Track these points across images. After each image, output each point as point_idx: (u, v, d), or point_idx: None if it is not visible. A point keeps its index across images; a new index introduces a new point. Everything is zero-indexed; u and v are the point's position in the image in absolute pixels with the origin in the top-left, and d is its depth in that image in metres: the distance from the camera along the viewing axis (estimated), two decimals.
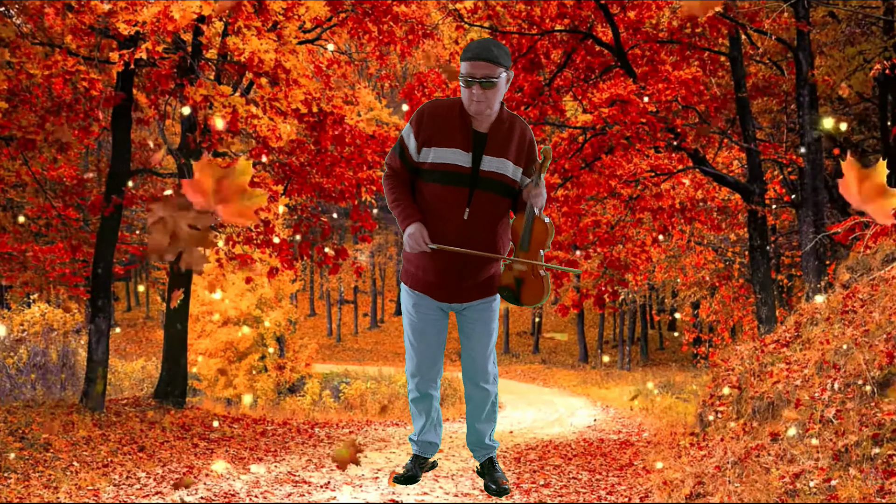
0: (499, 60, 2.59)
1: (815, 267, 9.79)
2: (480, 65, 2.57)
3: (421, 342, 2.92)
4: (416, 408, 3.09)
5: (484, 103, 2.61)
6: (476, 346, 2.93)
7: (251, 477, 7.43)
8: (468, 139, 2.67)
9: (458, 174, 2.66)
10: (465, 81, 2.59)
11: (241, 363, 19.72)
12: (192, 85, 8.54)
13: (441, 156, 2.67)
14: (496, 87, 2.60)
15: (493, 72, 2.58)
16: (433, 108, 2.71)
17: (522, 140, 2.73)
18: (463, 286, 2.80)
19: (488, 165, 2.67)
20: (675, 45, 10.60)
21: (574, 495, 6.94)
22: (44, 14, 8.40)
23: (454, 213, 2.67)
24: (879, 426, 4.34)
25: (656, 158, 11.14)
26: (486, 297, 2.87)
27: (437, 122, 2.69)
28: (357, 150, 10.35)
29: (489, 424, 3.10)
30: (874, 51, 11.52)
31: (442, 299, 2.84)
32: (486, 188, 2.67)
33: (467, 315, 2.90)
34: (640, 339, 33.69)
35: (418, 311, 2.88)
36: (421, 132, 2.70)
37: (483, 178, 2.67)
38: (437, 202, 2.69)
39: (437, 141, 2.67)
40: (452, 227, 2.68)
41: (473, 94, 2.59)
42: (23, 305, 13.06)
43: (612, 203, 11.86)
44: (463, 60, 2.61)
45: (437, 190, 2.68)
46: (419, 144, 2.71)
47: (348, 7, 10.40)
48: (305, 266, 35.80)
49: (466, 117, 2.68)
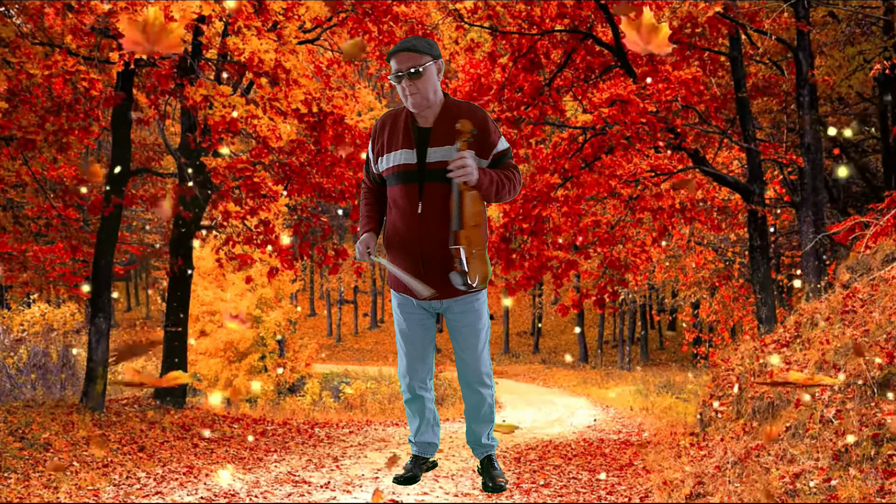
0: (420, 49, 2.65)
1: (815, 267, 9.79)
2: (403, 57, 2.65)
3: (407, 342, 2.95)
4: (409, 409, 3.12)
5: (418, 95, 2.67)
6: (465, 348, 2.93)
7: (251, 477, 7.44)
8: (410, 137, 2.75)
9: (407, 172, 2.74)
10: (395, 78, 2.67)
11: (241, 363, 19.72)
12: (192, 85, 8.54)
13: (392, 159, 2.77)
14: (424, 76, 2.65)
15: (417, 62, 2.64)
16: (382, 120, 2.85)
17: (472, 121, 2.73)
18: (435, 284, 2.78)
19: (433, 157, 2.70)
20: (675, 45, 10.60)
21: (574, 495, 6.94)
22: (44, 14, 8.40)
23: (409, 210, 2.74)
24: (879, 426, 4.34)
25: (656, 158, 11.14)
26: (466, 295, 2.87)
27: (386, 131, 2.81)
28: (357, 149, 10.35)
29: (486, 424, 3.11)
30: (874, 51, 11.52)
31: (419, 298, 2.86)
32: (436, 179, 2.70)
33: (451, 317, 2.91)
34: (640, 339, 33.69)
35: (402, 311, 2.94)
36: (375, 144, 2.85)
37: (430, 170, 2.71)
38: (396, 203, 2.78)
39: (388, 147, 2.79)
40: (411, 224, 2.74)
41: (405, 87, 2.66)
42: (23, 305, 13.06)
43: (612, 203, 11.86)
44: (388, 60, 2.69)
45: (396, 191, 2.77)
46: (375, 156, 2.86)
47: (348, 7, 10.40)
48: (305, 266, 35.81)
49: (410, 118, 2.77)
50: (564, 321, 38.26)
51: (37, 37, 8.64)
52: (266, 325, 19.81)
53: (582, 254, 11.20)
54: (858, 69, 11.83)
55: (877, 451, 4.21)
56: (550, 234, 10.73)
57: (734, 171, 14.11)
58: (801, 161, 10.46)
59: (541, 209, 10.28)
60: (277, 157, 10.26)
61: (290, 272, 12.13)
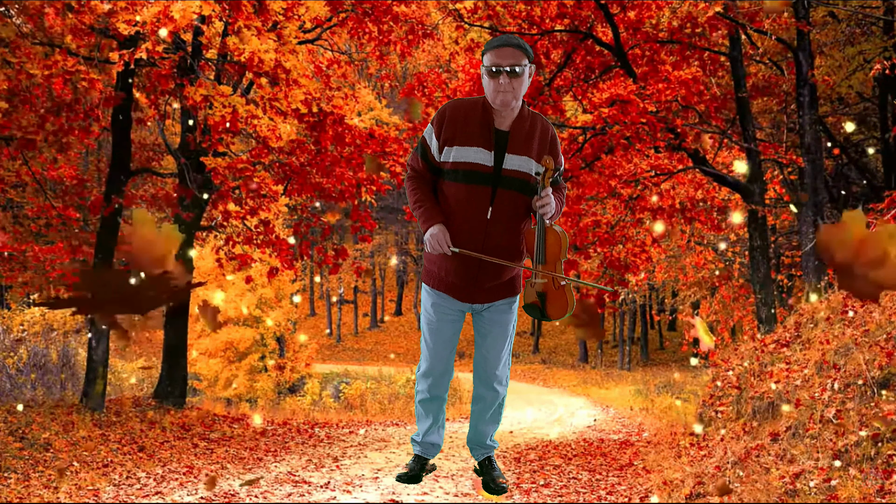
0: (525, 49, 2.58)
1: (815, 267, 9.78)
2: (507, 52, 2.54)
3: (437, 342, 2.90)
4: (423, 409, 3.07)
5: (510, 94, 2.58)
6: (491, 348, 2.90)
7: (251, 477, 7.43)
8: (490, 137, 2.63)
9: (480, 173, 2.62)
10: (492, 71, 2.56)
11: (241, 363, 19.73)
12: (192, 85, 8.54)
13: (463, 155, 2.63)
14: (522, 77, 2.57)
15: (520, 60, 2.55)
16: (454, 108, 2.68)
17: (545, 137, 2.70)
18: (484, 287, 2.78)
19: (511, 164, 2.63)
20: (675, 45, 10.60)
21: (574, 495, 6.93)
22: (44, 14, 8.40)
23: (477, 213, 2.64)
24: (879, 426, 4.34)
25: (656, 158, 11.14)
26: (508, 298, 2.85)
27: (459, 121, 2.65)
28: (357, 150, 10.35)
29: (493, 426, 3.11)
30: (874, 51, 11.52)
31: (463, 300, 2.82)
32: (509, 187, 2.63)
33: (486, 316, 2.87)
34: (640, 339, 33.68)
35: (437, 311, 2.86)
36: (443, 132, 2.67)
37: (506, 176, 2.63)
38: (460, 202, 2.66)
39: (459, 140, 2.64)
40: (476, 227, 2.66)
41: (501, 83, 2.56)
42: (23, 305, 13.06)
43: (612, 203, 11.85)
44: (488, 50, 2.57)
45: (460, 189, 2.65)
46: (441, 144, 2.68)
47: (348, 7, 10.40)
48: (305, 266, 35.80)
49: (488, 116, 2.64)
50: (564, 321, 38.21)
51: (37, 37, 8.64)
52: (266, 324, 19.81)
53: (582, 254, 11.20)
54: (858, 69, 11.84)
55: (877, 451, 4.21)
56: None
57: (734, 171, 14.10)
58: (801, 161, 10.46)
59: None
60: (277, 157, 10.26)
61: (290, 272, 12.11)
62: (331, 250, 10.78)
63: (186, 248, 11.30)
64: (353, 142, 10.13)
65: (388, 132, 11.03)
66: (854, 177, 15.58)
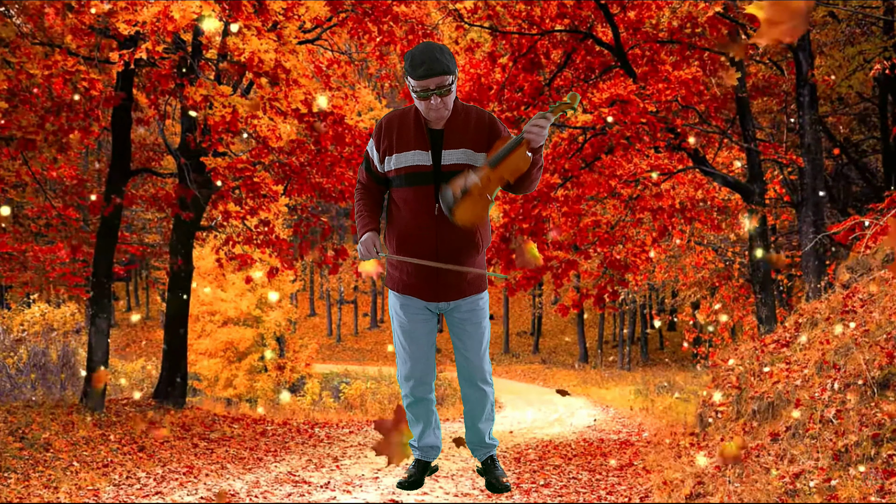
0: (449, 68, 2.61)
1: (815, 267, 9.78)
2: (434, 80, 2.60)
3: (412, 345, 2.92)
4: (412, 413, 3.08)
5: (443, 108, 2.66)
6: (470, 347, 2.93)
7: (251, 477, 7.43)
8: (425, 138, 2.72)
9: (421, 174, 2.71)
10: (421, 95, 2.62)
11: (241, 363, 19.73)
12: (192, 85, 8.54)
13: (402, 160, 2.73)
14: (451, 90, 2.65)
15: (446, 81, 2.61)
16: (389, 119, 2.80)
17: (480, 124, 2.74)
18: (448, 285, 2.81)
19: (449, 159, 2.70)
20: (675, 45, 10.60)
21: (574, 495, 6.94)
22: (44, 14, 8.40)
23: (424, 212, 2.72)
24: (879, 426, 4.34)
25: (656, 158, 11.14)
26: (474, 295, 2.88)
27: (394, 130, 2.76)
28: (357, 150, 10.35)
29: (488, 423, 3.12)
30: (874, 51, 11.53)
31: (427, 299, 2.85)
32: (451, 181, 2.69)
33: (456, 315, 2.90)
34: (640, 339, 33.68)
35: (406, 313, 2.90)
36: (381, 143, 2.78)
37: (446, 172, 2.69)
38: (407, 204, 2.74)
39: (397, 147, 2.74)
40: (426, 227, 2.72)
41: (432, 104, 2.64)
42: (23, 305, 13.06)
43: (612, 203, 11.85)
44: (413, 77, 2.61)
45: (406, 193, 2.73)
46: (381, 155, 2.79)
47: (348, 7, 10.40)
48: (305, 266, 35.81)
49: (421, 119, 2.74)
50: (564, 321, 38.26)
51: (37, 37, 8.64)
52: (266, 325, 19.82)
53: (582, 254, 11.20)
54: (858, 69, 11.84)
55: (877, 451, 4.21)
56: (550, 234, 10.73)
57: (734, 171, 14.11)
58: (801, 161, 10.46)
59: (541, 209, 10.28)
60: (277, 157, 10.26)
61: (290, 272, 12.12)
62: (331, 250, 10.78)
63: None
64: (353, 142, 10.13)
65: None
66: (854, 177, 15.58)
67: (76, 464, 7.10)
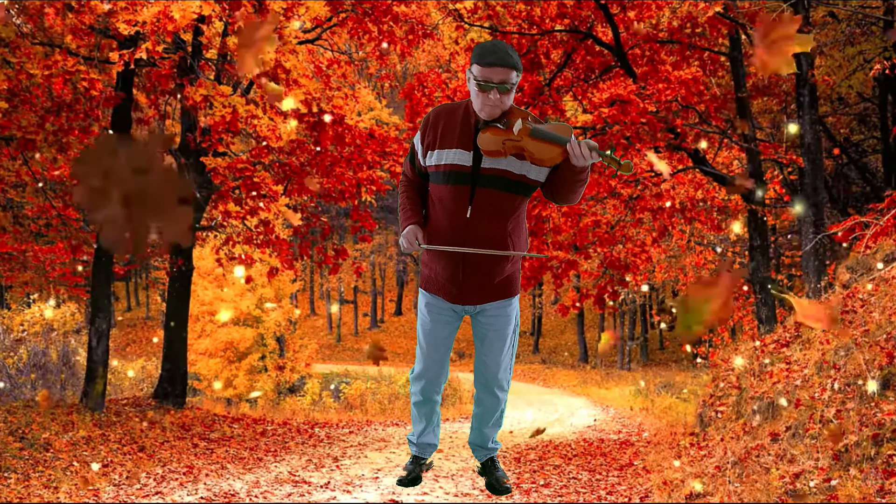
0: (517, 66, 2.59)
1: (815, 267, 9.78)
2: (501, 70, 2.56)
3: (430, 345, 2.91)
4: (417, 411, 3.08)
5: (499, 107, 2.62)
6: (489, 352, 2.90)
7: (251, 477, 7.43)
8: (471, 138, 2.67)
9: (460, 173, 2.67)
10: (482, 86, 2.58)
11: (241, 363, 19.73)
12: (192, 85, 8.54)
13: (444, 157, 2.69)
14: (512, 91, 2.61)
15: (510, 77, 2.58)
16: (437, 113, 2.75)
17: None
18: (473, 287, 2.78)
19: (489, 163, 2.65)
20: (675, 45, 10.59)
21: (574, 495, 6.93)
22: (44, 14, 8.39)
23: (457, 212, 2.68)
24: (879, 426, 4.34)
25: None
26: (501, 300, 2.84)
27: (441, 125, 2.71)
28: (357, 150, 10.35)
29: (495, 429, 3.11)
30: (874, 51, 11.53)
31: (453, 301, 2.82)
32: (489, 185, 2.65)
33: (481, 319, 2.87)
34: (640, 339, 33.67)
35: (430, 312, 2.88)
36: (426, 137, 2.74)
37: (485, 175, 2.65)
38: (443, 202, 2.71)
39: (441, 143, 2.70)
40: (457, 226, 2.69)
41: (490, 98, 2.59)
42: (23, 305, 13.06)
43: (612, 203, 11.85)
44: (480, 65, 2.57)
45: (443, 190, 2.70)
46: (425, 149, 2.75)
47: (348, 7, 10.40)
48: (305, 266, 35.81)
49: (470, 117, 2.69)
50: (564, 321, 38.26)
51: (37, 37, 8.64)
52: (266, 325, 19.82)
53: (582, 254, 11.19)
54: (858, 69, 11.84)
55: (877, 451, 4.21)
56: (550, 234, 10.73)
57: (734, 171, 14.11)
58: (801, 161, 10.46)
59: (540, 209, 10.28)
60: (277, 157, 10.26)
61: (291, 272, 12.11)
62: (331, 250, 10.78)
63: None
64: (353, 142, 10.13)
65: (388, 132, 11.03)
66: (854, 177, 15.58)
67: (76, 464, 7.10)
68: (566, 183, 2.62)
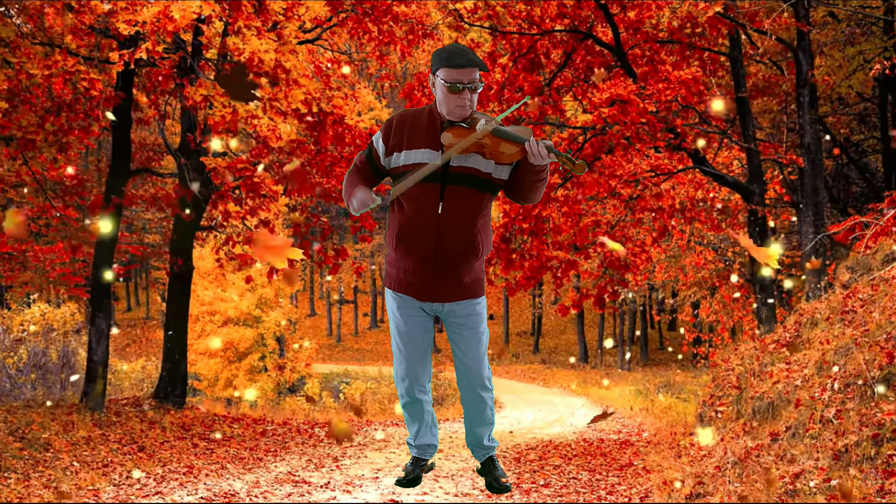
0: (482, 64, 2.69)
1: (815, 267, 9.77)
2: (470, 71, 2.66)
3: (407, 345, 2.93)
4: (408, 413, 3.10)
5: (469, 107, 2.71)
6: (468, 352, 2.93)
7: (251, 477, 7.43)
8: (437, 138, 2.74)
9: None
10: (454, 88, 2.66)
11: (241, 363, 19.72)
12: (192, 85, 8.54)
13: (411, 157, 2.75)
14: (478, 90, 2.71)
15: (477, 75, 2.68)
16: (402, 116, 2.83)
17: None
18: (444, 285, 2.81)
19: (458, 161, 2.72)
20: (675, 45, 10.59)
21: (574, 495, 6.93)
22: (44, 14, 8.39)
23: (428, 210, 2.73)
24: (879, 426, 4.34)
25: (656, 158, 11.14)
26: (471, 299, 2.88)
27: (406, 128, 2.79)
28: (357, 149, 10.34)
29: (488, 427, 3.12)
30: (874, 51, 11.53)
31: (423, 299, 2.85)
32: (458, 182, 2.72)
33: (453, 320, 2.91)
34: (640, 339, 33.68)
35: (402, 313, 2.91)
36: (390, 138, 2.81)
37: (454, 173, 2.72)
38: (412, 202, 2.76)
39: (409, 144, 2.76)
40: (427, 224, 2.74)
41: (462, 98, 2.68)
42: (23, 305, 13.06)
43: (612, 203, 11.85)
44: (449, 67, 2.66)
45: (411, 189, 2.74)
46: (388, 150, 2.81)
47: (348, 7, 10.40)
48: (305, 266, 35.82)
49: (435, 119, 2.77)
50: (564, 321, 38.26)
51: (37, 37, 8.64)
52: (266, 324, 19.81)
53: (582, 254, 11.19)
54: (858, 69, 11.84)
55: (877, 451, 4.21)
56: (550, 234, 10.73)
57: (734, 171, 14.11)
58: (801, 161, 10.46)
59: (540, 209, 10.28)
60: (277, 157, 10.26)
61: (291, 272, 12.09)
62: (331, 250, 10.78)
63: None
64: (353, 142, 10.13)
65: None
66: (854, 177, 15.58)
67: (76, 464, 7.10)
68: (525, 182, 2.73)
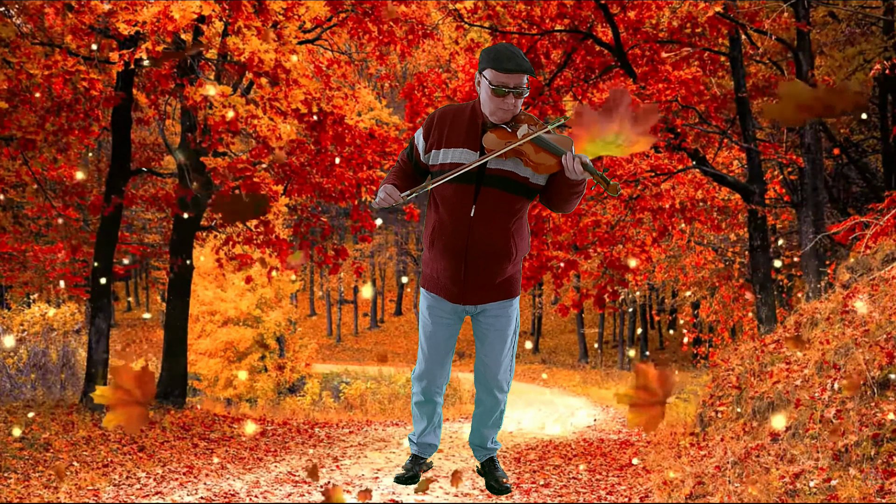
0: (532, 70, 2.63)
1: (815, 267, 9.78)
2: (517, 76, 2.59)
3: (431, 345, 2.91)
4: (418, 411, 3.09)
5: (511, 111, 2.65)
6: (489, 353, 2.90)
7: (251, 477, 7.43)
8: (477, 138, 2.69)
9: (464, 173, 2.68)
10: (499, 91, 2.59)
11: (241, 363, 19.72)
12: (192, 85, 8.54)
13: (449, 156, 2.70)
14: (524, 96, 2.64)
15: (525, 81, 2.61)
16: (443, 112, 2.78)
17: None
18: (475, 287, 2.78)
19: (495, 164, 2.66)
20: (675, 45, 10.59)
21: (574, 495, 6.93)
22: (44, 14, 8.39)
23: (461, 211, 2.69)
24: (879, 426, 4.34)
25: (656, 158, 11.14)
26: (502, 301, 2.84)
27: (447, 125, 2.73)
28: (357, 150, 10.35)
29: (495, 429, 3.12)
30: (874, 51, 11.53)
31: (454, 301, 2.82)
32: (493, 185, 2.66)
33: (482, 320, 2.87)
34: (640, 339, 33.67)
35: (432, 314, 2.89)
36: (431, 135, 2.76)
37: (490, 175, 2.66)
38: (447, 201, 2.72)
39: (447, 142, 2.71)
40: (460, 225, 2.69)
41: (507, 103, 2.62)
42: (23, 305, 13.05)
43: (612, 203, 11.85)
44: (496, 70, 2.58)
45: (446, 189, 2.70)
46: (427, 146, 2.76)
47: (348, 7, 10.40)
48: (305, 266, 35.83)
49: (478, 118, 2.71)
50: (564, 321, 38.25)
51: (37, 37, 8.64)
52: (266, 324, 19.81)
53: (582, 254, 11.19)
54: (858, 69, 11.84)
55: (877, 451, 4.21)
56: (550, 234, 10.72)
57: (734, 171, 14.11)
58: (801, 161, 10.46)
59: (540, 209, 10.28)
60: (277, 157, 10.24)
61: (290, 272, 12.11)
62: (331, 250, 10.78)
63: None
64: (353, 142, 10.13)
65: (388, 132, 11.03)
66: (854, 177, 15.58)
67: (76, 464, 7.10)
68: (561, 193, 2.66)
